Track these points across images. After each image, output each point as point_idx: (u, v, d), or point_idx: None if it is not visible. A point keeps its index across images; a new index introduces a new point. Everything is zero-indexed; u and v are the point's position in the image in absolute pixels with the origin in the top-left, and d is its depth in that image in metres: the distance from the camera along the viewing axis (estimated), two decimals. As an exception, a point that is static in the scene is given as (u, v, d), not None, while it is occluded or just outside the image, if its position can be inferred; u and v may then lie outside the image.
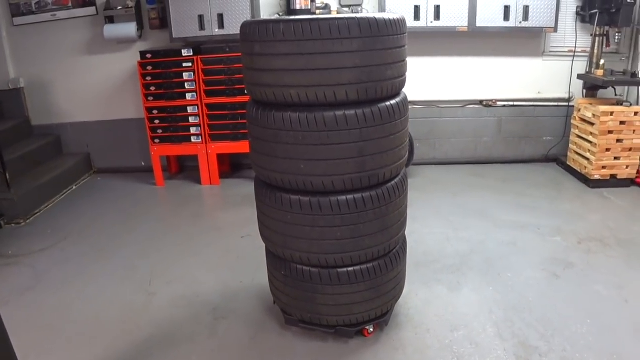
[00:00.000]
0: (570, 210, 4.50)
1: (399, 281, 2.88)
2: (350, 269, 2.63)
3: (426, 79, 5.41)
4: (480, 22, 4.84)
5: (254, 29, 2.30)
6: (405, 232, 2.94)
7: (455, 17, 4.83)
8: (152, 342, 3.00)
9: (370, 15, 2.25)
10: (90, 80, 5.65)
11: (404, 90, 2.66)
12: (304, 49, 2.21)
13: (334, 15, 2.08)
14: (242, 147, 5.17)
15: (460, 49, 5.27)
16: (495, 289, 3.34)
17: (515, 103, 5.48)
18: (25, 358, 2.89)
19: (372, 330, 2.92)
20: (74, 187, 5.58)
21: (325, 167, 2.38)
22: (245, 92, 2.62)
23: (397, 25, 2.32)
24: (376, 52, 2.27)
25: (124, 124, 5.74)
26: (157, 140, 5.29)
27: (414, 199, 4.82)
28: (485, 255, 3.77)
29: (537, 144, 5.62)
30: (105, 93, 5.70)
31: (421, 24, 4.89)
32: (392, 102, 2.44)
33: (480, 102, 5.52)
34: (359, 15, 2.21)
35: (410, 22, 4.90)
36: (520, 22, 4.86)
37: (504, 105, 5.50)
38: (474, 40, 5.20)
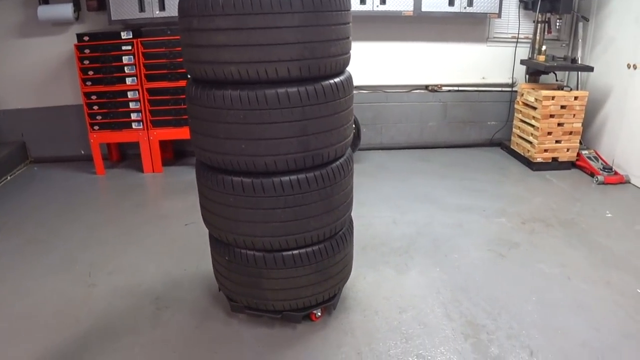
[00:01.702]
0: (514, 193, 4.63)
1: (346, 264, 2.85)
2: (295, 252, 2.58)
3: (372, 64, 5.40)
4: (425, 7, 4.86)
5: (192, 3, 2.18)
6: (353, 216, 2.92)
7: (400, 1, 4.83)
8: (92, 335, 2.85)
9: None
10: (25, 65, 5.28)
11: (348, 68, 2.61)
12: (244, 23, 2.12)
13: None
14: (185, 133, 4.99)
15: (405, 34, 5.30)
16: (442, 270, 3.38)
17: (460, 88, 5.58)
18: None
19: (319, 314, 2.89)
20: (8, 178, 5.23)
21: (268, 146, 2.31)
22: (185, 70, 2.49)
23: (341, 1, 2.27)
24: (319, 28, 2.20)
25: (61, 111, 5.42)
26: (96, 127, 5.03)
27: (361, 184, 4.84)
28: (432, 238, 3.81)
29: (482, 129, 5.75)
30: (40, 78, 5.35)
31: (367, 7, 4.87)
32: (337, 79, 2.38)
33: (426, 87, 5.58)
34: (301, -12, 2.14)
35: (357, 6, 4.88)
36: (465, 8, 4.93)
37: (449, 90, 5.58)
38: (419, 25, 5.23)
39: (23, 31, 5.21)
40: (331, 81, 2.35)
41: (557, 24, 5.23)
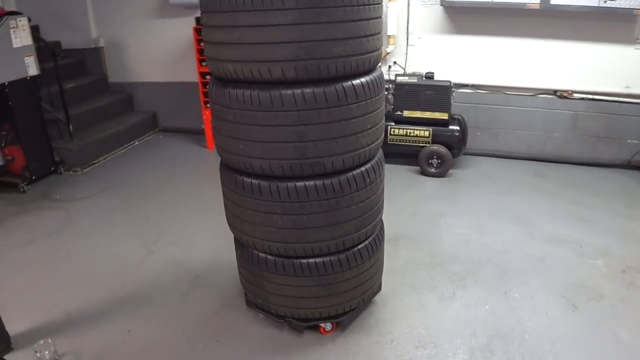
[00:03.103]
0: (631, 231, 3.73)
1: (360, 282, 2.62)
2: (296, 261, 2.46)
3: (491, 61, 4.78)
4: None
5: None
6: (424, 225, 2.63)
7: (525, -10, 4.17)
8: (127, 299, 3.13)
9: (314, -18, 1.97)
10: (159, 43, 5.91)
11: (376, 69, 2.34)
12: (238, 21, 2.03)
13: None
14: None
15: (531, 30, 4.55)
16: (492, 308, 2.91)
17: (596, 97, 4.62)
18: (20, 293, 3.20)
19: (329, 328, 2.73)
20: (137, 143, 5.96)
21: (262, 149, 2.21)
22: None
23: (348, -5, 2.02)
24: (319, 26, 2.00)
25: (187, 87, 5.95)
26: (208, 105, 5.39)
27: (451, 192, 4.42)
28: (501, 268, 3.30)
29: (619, 147, 4.72)
30: (172, 56, 5.94)
31: (484, -2, 4.31)
32: (344, 83, 2.15)
33: (554, 92, 4.75)
34: (299, -17, 1.96)
35: (472, -4, 4.35)
36: (606, 2, 4.02)
37: (582, 98, 4.67)
38: (548, 20, 4.44)
39: (159, 13, 5.80)
40: (337, 85, 2.13)
41: None
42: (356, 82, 2.19)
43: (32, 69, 4.54)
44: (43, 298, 3.14)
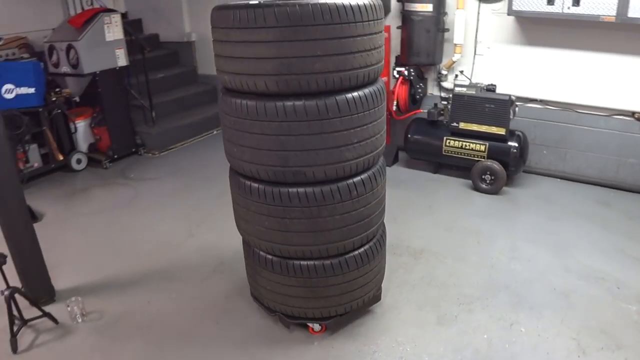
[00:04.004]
0: (689, 279, 3.30)
1: (346, 290, 2.69)
2: (282, 260, 2.61)
3: (562, 76, 4.42)
4: (633, 12, 3.66)
5: (212, 14, 2.37)
6: (452, 244, 2.66)
7: (599, 3, 3.78)
8: (156, 276, 3.51)
9: (296, 2, 2.08)
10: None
11: (370, 84, 2.38)
12: (229, 36, 2.22)
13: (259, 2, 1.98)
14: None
15: (607, 44, 4.12)
16: (489, 339, 2.80)
17: (681, 123, 4.08)
18: (74, 256, 3.74)
19: (318, 329, 2.84)
20: (215, 132, 6.45)
21: (251, 154, 2.38)
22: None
23: (329, 13, 2.09)
24: (299, 43, 2.11)
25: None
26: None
27: (498, 211, 4.24)
28: (518, 298, 3.13)
29: None
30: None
31: (555, 9, 3.98)
32: (326, 98, 2.23)
33: (632, 114, 4.27)
34: (281, 3, 2.08)
35: (543, 7, 4.07)
36: (693, 15, 3.53)
37: (664, 123, 4.15)
38: (625, 33, 3.98)
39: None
40: (318, 100, 2.22)
41: None
42: (340, 97, 2.26)
43: (122, 60, 5.16)
44: (91, 262, 3.64)
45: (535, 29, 4.45)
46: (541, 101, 4.63)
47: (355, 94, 2.30)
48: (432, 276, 3.38)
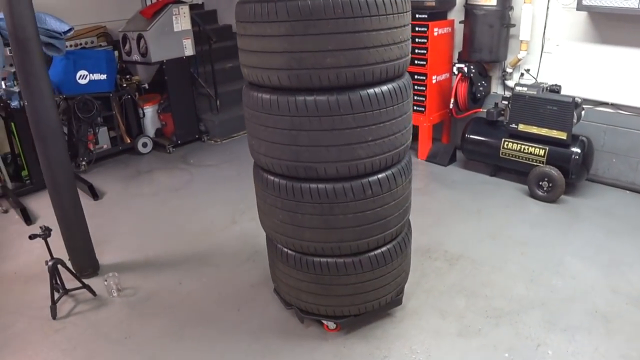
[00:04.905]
0: None
1: (360, 291, 2.64)
2: (296, 254, 2.62)
3: (636, 79, 3.99)
4: None
5: (235, 8, 2.40)
6: (491, 255, 2.74)
7: (683, -4, 3.36)
8: (194, 258, 3.67)
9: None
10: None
11: (390, 80, 2.30)
12: (247, 30, 2.25)
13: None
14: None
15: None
16: (512, 358, 2.62)
17: None
18: (123, 234, 4.00)
19: (332, 327, 2.82)
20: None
21: (266, 148, 2.41)
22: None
23: (341, 7, 2.04)
24: (309, 37, 2.09)
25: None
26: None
27: (552, 221, 3.97)
28: (552, 317, 2.89)
29: None
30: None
31: (630, 4, 3.58)
32: (338, 95, 2.19)
33: None
34: (294, -3, 2.06)
35: (617, 1, 3.68)
36: None
37: None
38: None
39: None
40: (328, 95, 2.18)
41: None
42: (353, 93, 2.21)
43: (189, 50, 5.42)
44: (136, 241, 3.89)
45: (610, 26, 4.05)
46: (613, 105, 4.21)
47: (370, 90, 2.24)
48: (464, 284, 3.22)
